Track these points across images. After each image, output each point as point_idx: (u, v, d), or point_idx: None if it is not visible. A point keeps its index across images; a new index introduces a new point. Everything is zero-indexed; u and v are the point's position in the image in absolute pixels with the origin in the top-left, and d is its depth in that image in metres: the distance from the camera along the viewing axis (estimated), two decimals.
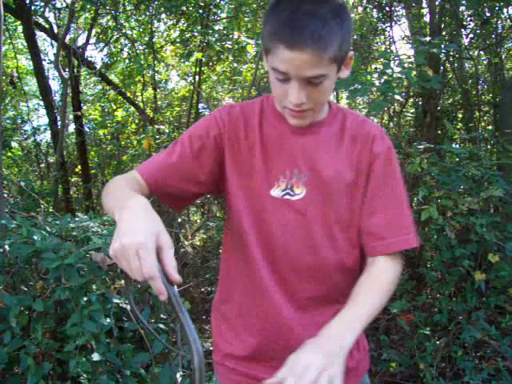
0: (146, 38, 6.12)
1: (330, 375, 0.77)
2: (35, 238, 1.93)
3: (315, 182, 1.04)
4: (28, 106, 7.37)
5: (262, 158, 1.05)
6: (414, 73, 2.78)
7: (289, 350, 0.87)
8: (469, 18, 5.14)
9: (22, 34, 5.74)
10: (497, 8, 4.47)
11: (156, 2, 5.12)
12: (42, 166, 6.86)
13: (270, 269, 1.06)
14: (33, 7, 5.20)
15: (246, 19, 6.08)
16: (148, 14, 5.54)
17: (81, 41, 7.22)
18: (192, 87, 6.09)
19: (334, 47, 0.90)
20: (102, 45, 6.63)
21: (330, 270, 1.07)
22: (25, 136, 6.91)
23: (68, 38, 6.34)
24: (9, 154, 6.06)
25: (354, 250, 1.08)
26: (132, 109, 6.99)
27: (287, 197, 1.04)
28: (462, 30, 5.09)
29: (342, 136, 1.08)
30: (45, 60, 6.53)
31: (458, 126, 5.79)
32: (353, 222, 1.07)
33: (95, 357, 1.80)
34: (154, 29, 5.92)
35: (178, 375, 2.01)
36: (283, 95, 0.97)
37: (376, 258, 1.04)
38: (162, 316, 2.29)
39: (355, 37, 5.87)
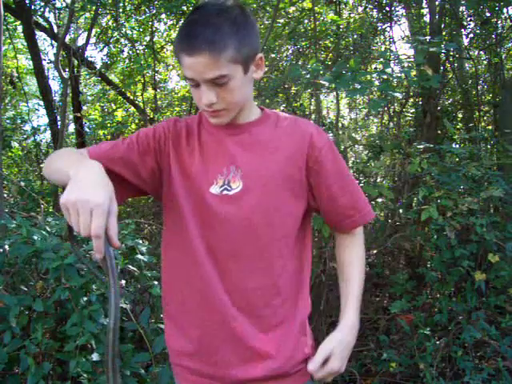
0: (146, 38, 6.12)
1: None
2: (35, 238, 1.93)
3: (251, 175, 1.12)
4: (28, 106, 7.36)
5: (201, 161, 1.15)
6: (414, 72, 2.79)
7: (228, 344, 1.04)
8: (469, 18, 5.14)
9: (22, 34, 5.74)
10: (497, 8, 4.47)
11: (156, 2, 5.12)
12: (42, 166, 6.85)
13: (212, 261, 1.12)
14: (33, 7, 5.20)
15: None
16: (148, 14, 5.54)
17: (81, 41, 7.23)
18: None
19: (229, 50, 1.01)
20: (101, 45, 6.63)
21: (271, 258, 1.13)
22: (25, 136, 6.91)
23: (68, 38, 6.35)
24: (9, 153, 6.06)
25: (291, 239, 1.16)
26: (132, 109, 6.99)
27: (225, 192, 1.12)
28: (462, 29, 5.09)
29: (276, 134, 1.17)
30: (45, 60, 6.52)
31: (458, 126, 5.78)
32: (294, 212, 1.15)
33: (95, 357, 1.80)
34: (154, 29, 5.93)
35: None
36: (199, 100, 1.08)
37: (348, 233, 1.23)
38: (161, 316, 2.29)
39: (355, 36, 5.88)
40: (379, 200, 4.29)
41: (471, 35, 5.37)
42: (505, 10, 4.82)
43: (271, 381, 1.13)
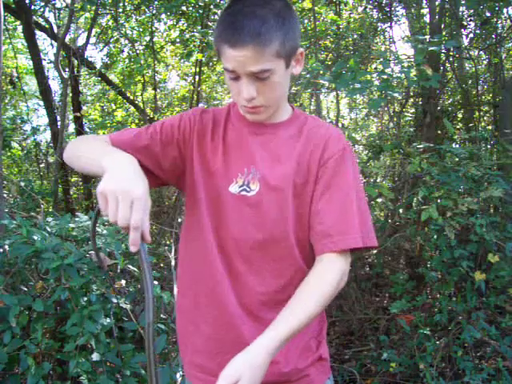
0: (146, 38, 6.12)
1: None
2: (35, 238, 1.93)
3: (268, 179, 1.09)
4: (28, 106, 7.36)
5: (223, 158, 1.12)
6: (414, 72, 2.79)
7: (236, 347, 0.95)
8: (469, 18, 5.14)
9: (22, 34, 5.73)
10: (497, 8, 4.47)
11: (156, 2, 5.12)
12: (41, 165, 6.85)
13: (223, 261, 1.11)
14: (33, 7, 5.19)
15: None
16: (148, 14, 5.54)
17: (81, 41, 7.22)
18: (192, 87, 6.09)
19: (274, 43, 0.98)
20: (101, 45, 6.63)
21: (282, 263, 1.10)
22: (25, 136, 6.90)
23: (68, 37, 6.34)
24: (9, 154, 6.06)
25: (303, 247, 1.12)
26: (132, 109, 6.99)
27: (243, 193, 1.10)
28: (462, 30, 5.08)
29: (298, 139, 1.12)
30: (45, 60, 6.51)
31: (458, 126, 5.78)
32: (301, 224, 1.11)
33: (95, 357, 1.80)
34: (153, 29, 5.92)
35: (177, 375, 2.01)
36: (238, 94, 1.05)
37: (323, 255, 1.05)
38: (162, 316, 2.29)
39: (355, 36, 5.88)
40: (379, 200, 4.29)
41: (471, 35, 5.37)
42: (505, 10, 4.82)
43: None
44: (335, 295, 1.03)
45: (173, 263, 2.86)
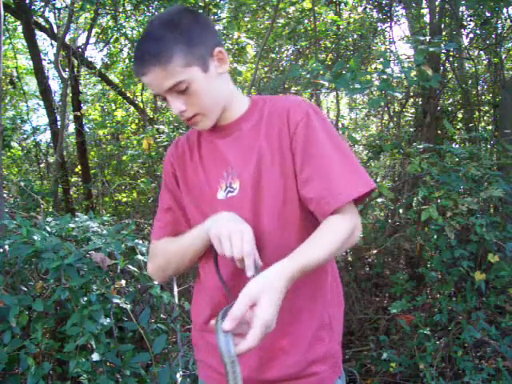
0: None
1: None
2: (35, 238, 1.93)
3: (245, 174, 1.10)
4: (28, 106, 7.36)
5: (203, 171, 1.17)
6: (414, 72, 2.79)
7: None
8: (469, 18, 5.14)
9: (22, 34, 5.73)
10: (497, 8, 4.47)
11: (156, 2, 5.12)
12: (41, 166, 6.85)
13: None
14: (33, 7, 5.19)
15: (246, 19, 6.08)
16: (148, 14, 5.53)
17: (81, 41, 7.22)
18: None
19: (177, 56, 1.00)
20: (101, 45, 6.63)
21: (281, 249, 1.06)
22: (25, 136, 6.90)
23: (68, 37, 6.34)
24: (9, 154, 6.06)
25: (301, 229, 1.10)
26: (132, 109, 6.99)
27: (230, 194, 1.12)
28: (462, 29, 5.08)
29: (261, 122, 1.13)
30: (45, 60, 6.52)
31: (458, 126, 5.78)
32: (288, 199, 1.09)
33: (95, 357, 1.80)
34: None
35: (178, 375, 2.01)
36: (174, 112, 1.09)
37: (327, 219, 1.04)
38: (162, 316, 2.29)
39: (355, 36, 5.88)
40: (379, 200, 4.29)
41: (471, 35, 5.37)
42: (505, 10, 4.82)
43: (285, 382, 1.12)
44: (350, 244, 1.05)
45: None
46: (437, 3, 4.72)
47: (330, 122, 1.14)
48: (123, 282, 2.10)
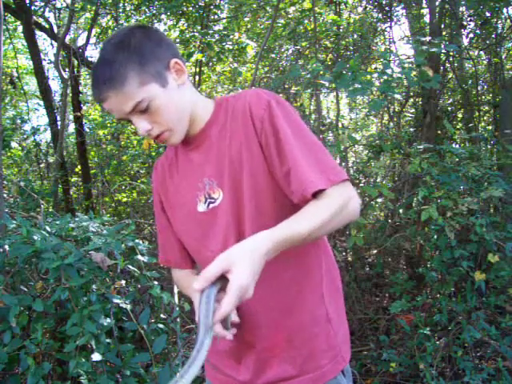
0: None
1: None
2: (35, 238, 1.93)
3: (225, 179, 1.08)
4: (28, 106, 7.36)
5: (182, 186, 1.17)
6: (414, 73, 2.79)
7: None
8: (469, 18, 5.14)
9: (22, 34, 5.73)
10: (497, 8, 4.47)
11: (156, 3, 5.12)
12: (41, 166, 6.85)
13: None
14: (33, 7, 5.19)
15: (246, 19, 6.09)
16: (148, 14, 5.54)
17: (81, 41, 7.22)
18: None
19: (131, 77, 0.97)
20: (101, 45, 6.62)
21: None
22: (25, 136, 6.90)
23: (68, 38, 6.33)
24: (9, 154, 6.06)
25: (269, 219, 1.06)
26: None
27: (212, 205, 1.10)
28: (462, 30, 5.08)
29: (226, 124, 1.10)
30: (45, 60, 6.52)
31: (458, 126, 5.78)
32: (262, 196, 1.06)
33: (95, 357, 1.80)
34: None
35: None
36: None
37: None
38: (162, 316, 2.29)
39: (355, 36, 5.88)
40: (379, 200, 4.29)
41: (471, 35, 5.37)
42: (505, 10, 4.82)
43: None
44: (348, 216, 1.00)
45: None
46: (437, 3, 4.72)
47: (292, 109, 1.09)
48: (123, 282, 2.10)
